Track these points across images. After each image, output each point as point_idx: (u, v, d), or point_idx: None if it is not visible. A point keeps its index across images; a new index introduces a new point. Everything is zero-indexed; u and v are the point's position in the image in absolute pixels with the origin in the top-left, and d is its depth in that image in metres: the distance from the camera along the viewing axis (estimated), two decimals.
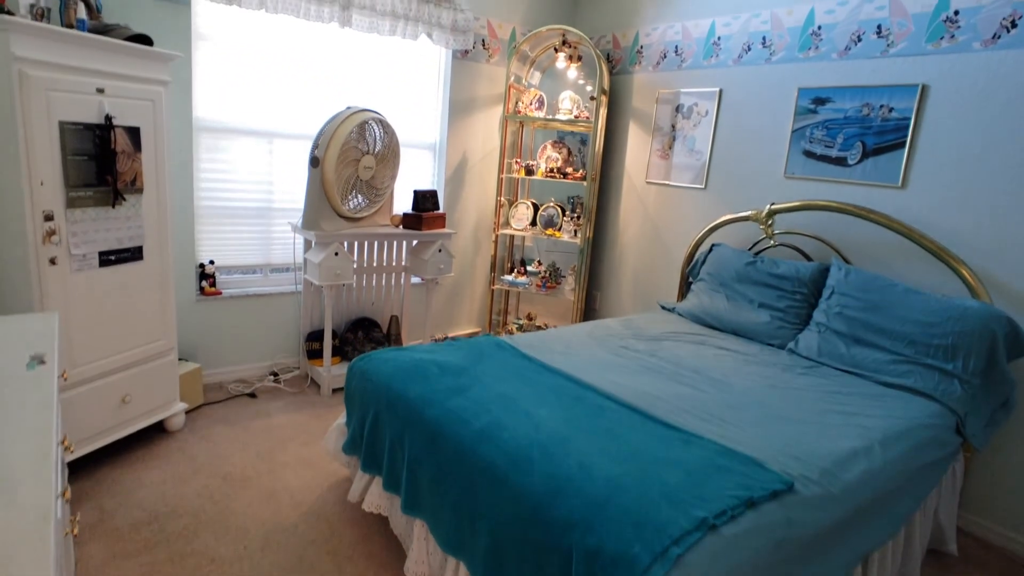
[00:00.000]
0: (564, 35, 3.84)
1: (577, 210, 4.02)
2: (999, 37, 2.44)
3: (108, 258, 2.41)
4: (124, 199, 2.44)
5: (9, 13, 2.11)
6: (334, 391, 3.38)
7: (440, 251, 3.54)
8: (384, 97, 3.73)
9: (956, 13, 2.54)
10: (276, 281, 3.60)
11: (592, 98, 3.81)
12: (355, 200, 3.35)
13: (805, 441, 1.85)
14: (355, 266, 3.55)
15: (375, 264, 3.65)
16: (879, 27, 2.76)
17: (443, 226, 3.67)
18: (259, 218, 3.46)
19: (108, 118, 2.32)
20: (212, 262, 3.34)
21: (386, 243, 3.64)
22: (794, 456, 1.75)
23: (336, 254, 3.16)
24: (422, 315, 4.02)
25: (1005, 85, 2.43)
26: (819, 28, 2.97)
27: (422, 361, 2.23)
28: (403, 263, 3.75)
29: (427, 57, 3.86)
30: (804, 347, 2.73)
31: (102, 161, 2.33)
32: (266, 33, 3.25)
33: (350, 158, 3.18)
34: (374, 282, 3.70)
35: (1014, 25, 2.40)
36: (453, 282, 4.27)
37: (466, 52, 3.89)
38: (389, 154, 3.40)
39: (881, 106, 2.77)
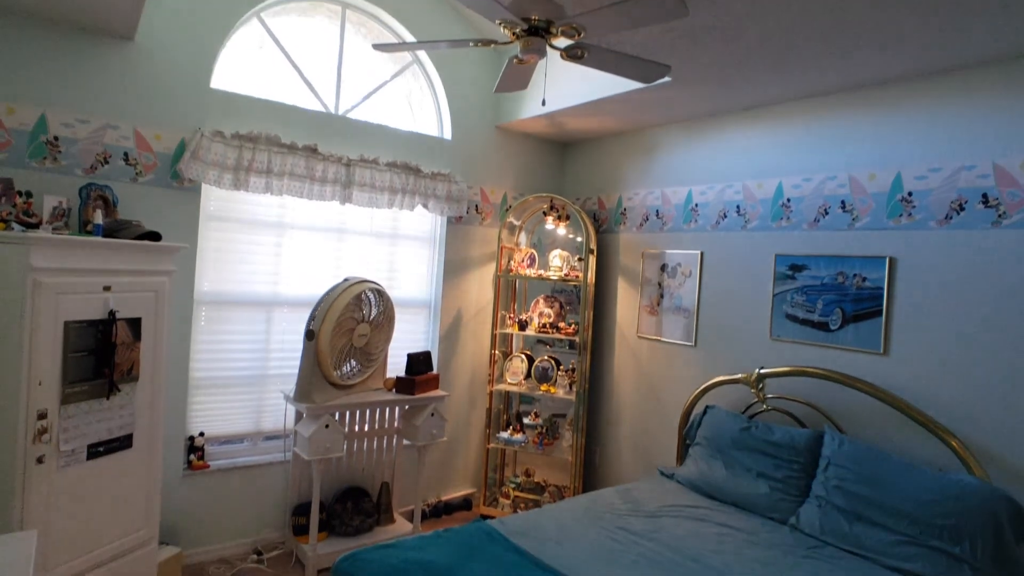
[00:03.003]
0: (551, 200, 4.08)
1: (572, 364, 4.05)
2: (951, 218, 2.58)
3: (97, 450, 2.40)
4: (119, 390, 2.47)
5: (32, 221, 2.28)
6: (319, 572, 3.21)
7: (433, 415, 3.53)
8: (380, 259, 3.90)
9: (910, 194, 2.71)
10: (265, 449, 3.55)
11: (580, 259, 3.97)
12: (348, 366, 3.39)
13: None
14: (346, 431, 3.51)
15: (366, 429, 3.62)
16: (843, 202, 2.93)
17: (436, 388, 3.68)
18: (253, 386, 3.49)
19: (112, 313, 2.41)
20: (202, 434, 3.32)
21: (378, 409, 3.64)
22: None
23: (327, 426, 3.15)
24: (414, 479, 3.91)
25: (964, 261, 2.53)
26: (788, 200, 3.16)
27: (407, 564, 2.14)
28: (395, 425, 3.72)
29: (422, 222, 4.08)
30: (806, 523, 2.62)
31: (101, 354, 2.38)
32: (269, 209, 3.46)
33: (345, 328, 3.26)
34: (365, 447, 3.65)
35: (962, 208, 2.54)
36: (447, 441, 4.20)
37: (460, 218, 4.12)
38: (384, 320, 3.49)
39: (855, 275, 2.87)
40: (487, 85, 4.21)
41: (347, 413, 3.52)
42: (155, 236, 2.67)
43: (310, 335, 3.19)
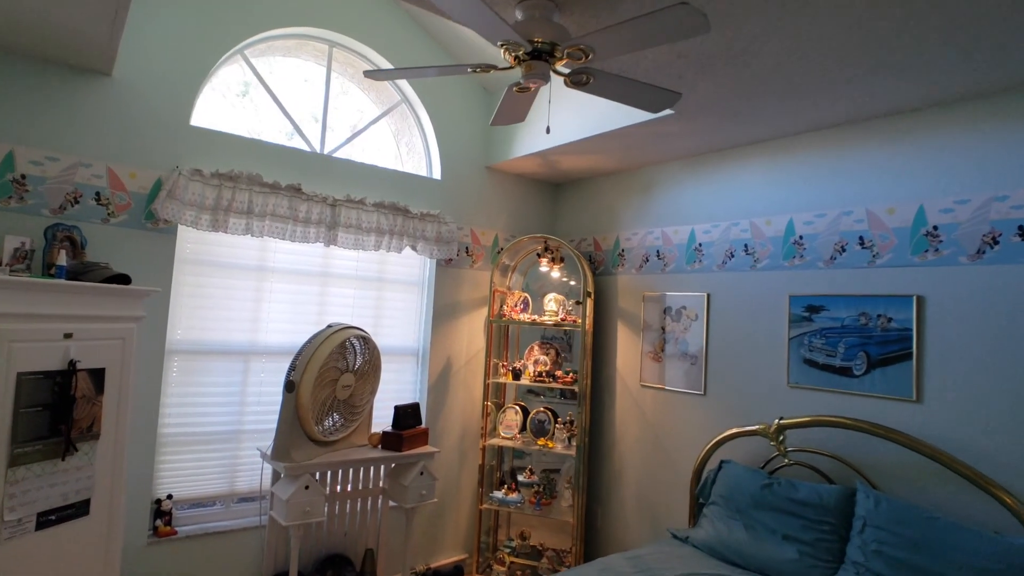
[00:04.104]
0: (546, 241, 3.91)
1: (569, 415, 3.79)
2: (983, 252, 2.41)
3: (48, 518, 2.10)
4: (76, 449, 2.18)
5: None
6: None
7: (422, 474, 3.23)
8: (366, 305, 3.66)
9: (935, 228, 2.55)
10: (239, 513, 3.21)
11: (578, 302, 3.77)
12: (330, 420, 3.11)
13: None
14: (328, 492, 3.20)
15: (349, 490, 3.30)
16: (861, 238, 2.77)
17: (426, 443, 3.39)
18: (227, 443, 3.18)
19: (72, 363, 2.15)
20: (170, 496, 3.00)
21: (363, 468, 3.33)
22: None
23: (306, 487, 2.84)
24: (401, 544, 3.57)
25: (1002, 298, 2.35)
26: (800, 238, 3.00)
27: None
28: (381, 485, 3.40)
29: (411, 265, 3.87)
30: None
31: (58, 410, 2.11)
32: (249, 252, 3.25)
33: (328, 378, 2.99)
34: (348, 509, 3.32)
35: (996, 242, 2.38)
36: (436, 502, 3.87)
37: (450, 260, 3.92)
38: (370, 370, 3.23)
39: (879, 316, 2.68)
40: (477, 124, 4.09)
41: (329, 472, 3.21)
42: (124, 279, 2.44)
43: (290, 386, 2.92)
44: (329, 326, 3.13)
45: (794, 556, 2.55)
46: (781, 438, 2.84)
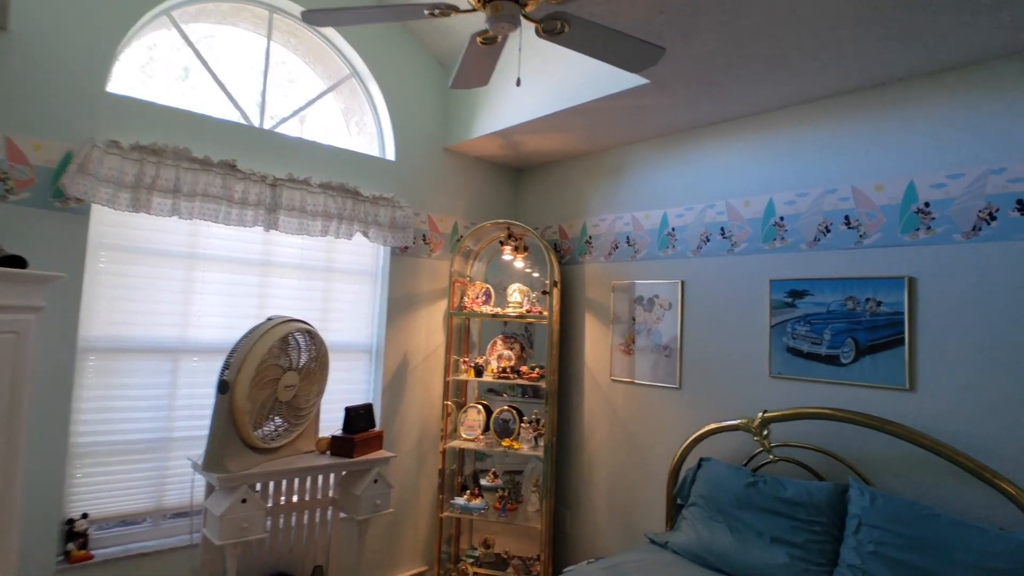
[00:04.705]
0: (509, 228, 3.65)
1: (535, 413, 3.54)
2: (979, 229, 2.27)
3: None
4: None
5: None
6: None
7: (376, 481, 2.92)
8: (312, 297, 3.33)
9: (927, 205, 2.40)
10: (169, 530, 2.84)
11: (544, 292, 3.52)
12: (272, 425, 2.77)
13: None
14: (270, 505, 2.85)
15: (295, 500, 2.97)
16: (847, 218, 2.61)
17: (380, 447, 3.08)
18: (153, 452, 2.81)
19: None
20: (86, 515, 2.62)
21: (309, 477, 2.99)
22: None
23: (244, 501, 2.50)
24: (354, 559, 3.24)
25: (1001, 277, 2.21)
26: (781, 219, 2.82)
27: None
28: (331, 494, 3.07)
29: (362, 254, 3.55)
30: None
31: None
32: (177, 237, 2.88)
33: (268, 378, 2.66)
34: (294, 522, 2.98)
35: (993, 217, 2.24)
36: (393, 512, 3.56)
37: (405, 248, 3.62)
38: (316, 367, 2.90)
39: (867, 300, 2.52)
40: (434, 102, 3.80)
41: (272, 483, 2.86)
42: (19, 262, 2.06)
43: (224, 387, 2.57)
44: (269, 319, 2.80)
45: (784, 560, 2.36)
46: (765, 432, 2.65)
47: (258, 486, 2.75)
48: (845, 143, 2.65)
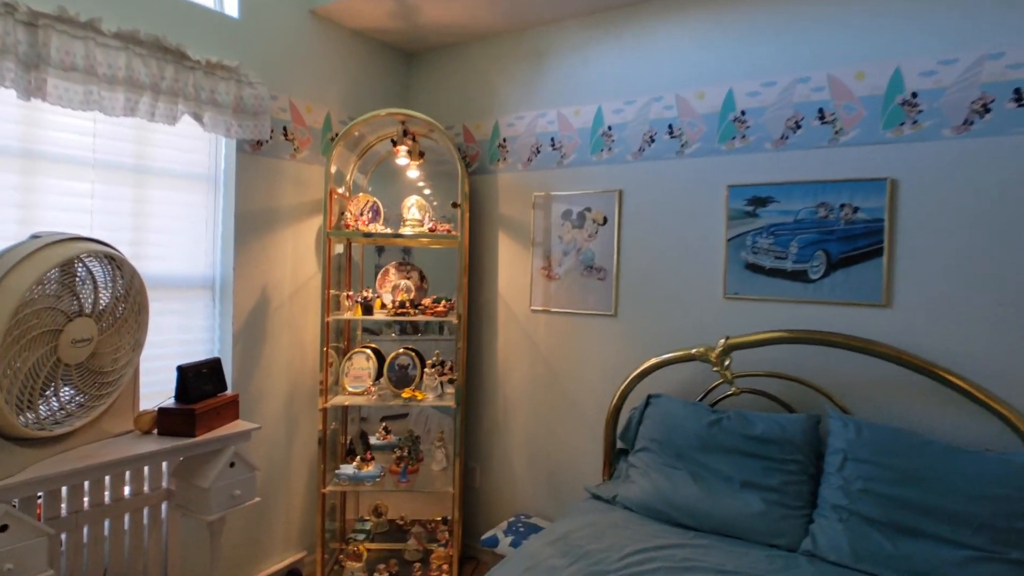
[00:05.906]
0: (404, 123, 2.84)
1: (436, 355, 2.89)
2: (971, 123, 2.00)
3: None
4: None
5: None
6: None
7: (233, 465, 2.10)
8: (117, 209, 2.28)
9: (914, 95, 2.08)
10: None
11: (455, 204, 2.81)
12: (54, 402, 1.81)
13: None
14: (63, 515, 1.91)
15: (108, 501, 2.04)
16: (821, 111, 2.23)
17: (236, 418, 2.24)
18: None
19: None
20: None
21: (127, 471, 2.07)
22: None
23: (4, 528, 1.57)
24: (205, 564, 2.40)
25: (991, 177, 1.97)
26: (742, 114, 2.38)
27: None
28: (165, 486, 2.19)
29: (194, 149, 2.53)
30: (829, 547, 1.88)
31: None
32: None
33: (37, 330, 1.68)
34: (106, 532, 2.07)
35: (987, 110, 1.98)
36: (260, 500, 2.74)
37: (259, 143, 2.65)
38: (127, 312, 1.96)
39: (842, 206, 2.19)
40: None
41: (64, 488, 1.90)
42: None
43: None
44: (35, 236, 1.78)
45: (759, 507, 2.03)
46: (727, 362, 2.28)
47: (42, 496, 1.81)
48: (821, 23, 2.24)
